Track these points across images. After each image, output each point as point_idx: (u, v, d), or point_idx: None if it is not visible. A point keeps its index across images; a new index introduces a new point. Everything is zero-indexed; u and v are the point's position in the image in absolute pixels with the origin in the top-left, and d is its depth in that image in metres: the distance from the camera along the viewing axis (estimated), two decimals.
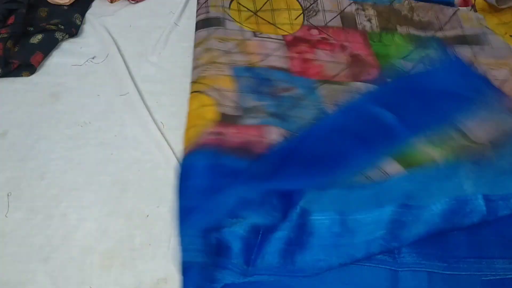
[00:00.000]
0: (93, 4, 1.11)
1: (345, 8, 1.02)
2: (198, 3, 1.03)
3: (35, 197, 0.73)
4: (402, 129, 0.72)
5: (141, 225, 0.70)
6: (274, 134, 0.74)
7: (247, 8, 1.00)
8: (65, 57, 0.97)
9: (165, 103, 0.88)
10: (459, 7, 1.06)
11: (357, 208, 0.61)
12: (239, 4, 1.01)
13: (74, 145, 0.81)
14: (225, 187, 0.64)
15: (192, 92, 0.81)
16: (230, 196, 0.63)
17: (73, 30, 1.01)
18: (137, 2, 1.12)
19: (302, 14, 1.00)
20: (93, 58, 0.97)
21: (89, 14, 1.08)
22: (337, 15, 1.01)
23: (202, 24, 0.96)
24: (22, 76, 0.92)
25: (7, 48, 0.92)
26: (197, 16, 1.00)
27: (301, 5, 1.01)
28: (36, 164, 0.77)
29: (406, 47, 0.95)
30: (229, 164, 0.68)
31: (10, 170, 0.76)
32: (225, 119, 0.75)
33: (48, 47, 0.97)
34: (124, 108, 0.87)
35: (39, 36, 0.97)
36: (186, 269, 0.59)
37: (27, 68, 0.93)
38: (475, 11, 1.06)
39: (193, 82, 0.83)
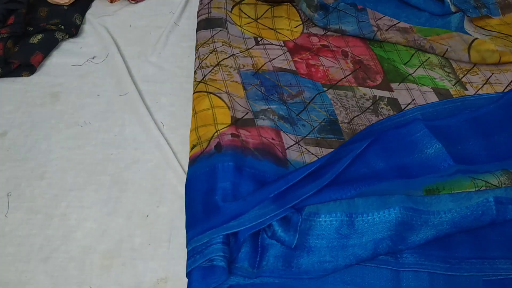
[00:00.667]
0: (93, 4, 1.11)
1: None
2: (200, 3, 1.03)
3: (35, 197, 0.73)
4: (450, 163, 0.68)
5: (141, 225, 0.70)
6: (288, 138, 0.75)
7: (247, 15, 1.01)
8: (65, 57, 0.97)
9: (165, 103, 0.88)
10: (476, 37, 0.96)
11: (365, 209, 0.61)
12: (241, 11, 1.01)
13: (74, 145, 0.81)
14: (254, 191, 0.64)
15: (199, 92, 0.80)
16: (260, 203, 0.62)
17: (73, 30, 1.01)
18: (137, 2, 1.12)
19: (301, 24, 1.01)
20: (93, 58, 0.97)
21: (89, 14, 1.08)
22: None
23: (204, 24, 0.96)
24: (22, 76, 0.92)
25: (7, 48, 0.92)
26: (198, 16, 0.99)
27: (301, 18, 1.02)
28: (36, 164, 0.77)
29: (408, 52, 0.95)
30: (256, 166, 0.68)
31: (10, 170, 0.76)
32: (237, 122, 0.75)
33: (48, 47, 0.97)
34: (124, 108, 0.87)
35: (39, 36, 0.97)
36: (192, 270, 0.58)
37: (27, 68, 0.93)
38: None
39: (200, 81, 0.82)
